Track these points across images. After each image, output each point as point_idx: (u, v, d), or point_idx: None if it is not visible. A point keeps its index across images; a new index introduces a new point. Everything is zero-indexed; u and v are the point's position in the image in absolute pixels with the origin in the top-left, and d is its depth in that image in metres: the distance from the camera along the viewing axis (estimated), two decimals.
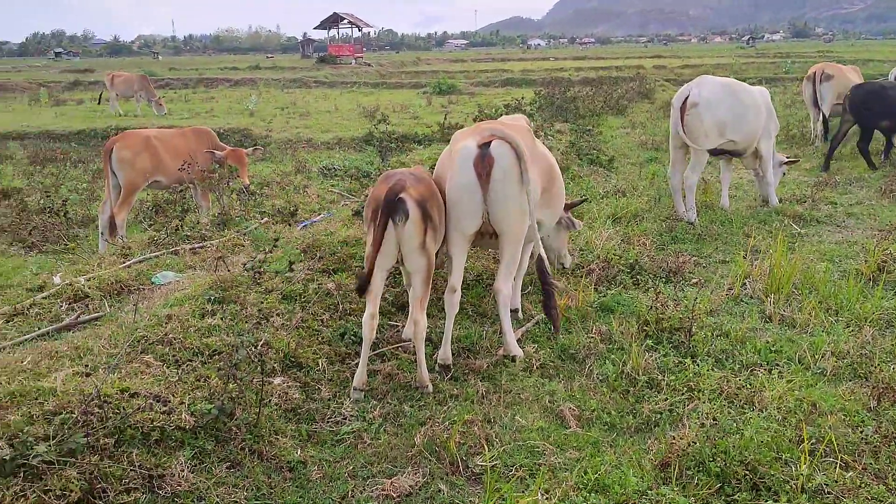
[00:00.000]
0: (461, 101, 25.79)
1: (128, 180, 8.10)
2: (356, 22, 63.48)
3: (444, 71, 44.35)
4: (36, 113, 25.90)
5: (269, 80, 40.11)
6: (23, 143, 17.87)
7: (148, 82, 25.24)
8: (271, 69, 52.81)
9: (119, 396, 3.91)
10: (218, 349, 4.68)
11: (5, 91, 37.33)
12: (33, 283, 5.97)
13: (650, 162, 12.63)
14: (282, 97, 30.45)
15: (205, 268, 6.22)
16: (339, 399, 4.72)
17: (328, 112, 23.53)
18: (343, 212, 7.97)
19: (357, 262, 6.33)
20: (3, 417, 3.63)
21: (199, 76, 43.90)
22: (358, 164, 11.75)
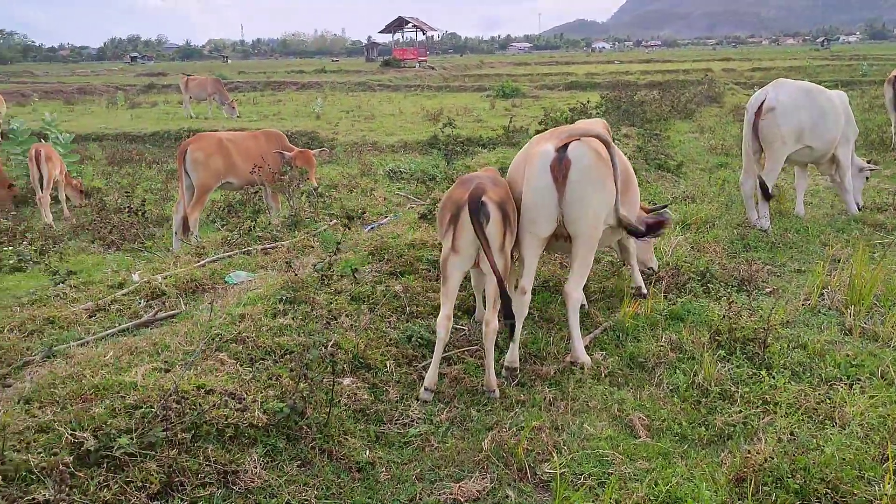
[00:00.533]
0: (525, 105, 25.69)
1: (201, 181, 8.33)
2: (421, 25, 63.95)
3: (508, 74, 44.27)
4: (113, 115, 26.86)
5: (335, 84, 40.74)
6: (101, 144, 18.54)
7: (221, 86, 25.90)
8: (336, 72, 53.60)
9: (195, 393, 4.01)
10: (289, 348, 4.76)
11: (85, 94, 38.80)
12: (114, 280, 6.18)
13: (720, 167, 12.34)
14: (347, 100, 30.87)
15: (276, 268, 6.34)
16: (406, 401, 4.75)
17: (392, 115, 23.75)
18: (409, 215, 8.03)
19: (423, 265, 6.37)
20: (88, 410, 3.76)
21: (267, 79, 44.88)
22: (423, 167, 11.82)
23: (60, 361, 4.50)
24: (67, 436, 3.55)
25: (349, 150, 16.09)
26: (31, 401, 3.91)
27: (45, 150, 10.73)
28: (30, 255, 8.21)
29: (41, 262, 8.16)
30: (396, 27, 64.35)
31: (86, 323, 5.29)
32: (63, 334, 5.05)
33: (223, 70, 61.36)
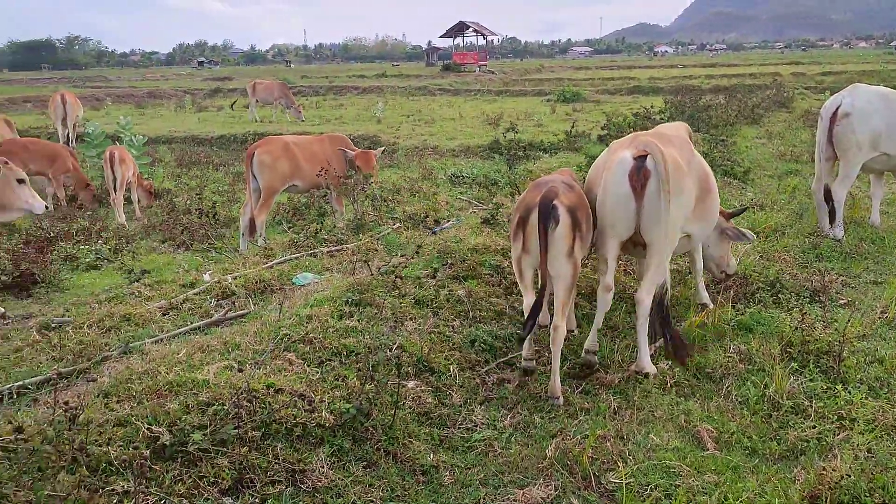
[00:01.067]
0: (586, 109, 25.46)
1: (267, 184, 8.50)
2: (481, 30, 64.02)
3: (569, 79, 43.98)
4: (181, 118, 27.63)
5: (395, 88, 41.09)
6: (170, 146, 19.08)
7: (287, 90, 26.33)
8: (397, 77, 54.06)
9: (265, 392, 4.09)
10: (355, 350, 4.82)
11: (155, 98, 40.03)
12: (186, 279, 6.37)
13: (790, 174, 12.02)
14: (407, 104, 31.08)
15: (341, 270, 6.43)
16: (469, 406, 4.76)
17: (452, 119, 23.82)
18: (472, 219, 8.05)
19: (487, 270, 6.38)
20: (163, 405, 3.87)
21: (329, 84, 45.52)
22: (485, 171, 11.82)
23: (136, 358, 4.65)
24: (144, 430, 3.67)
25: (410, 154, 16.20)
26: (110, 395, 4.05)
27: (118, 153, 11.09)
28: (105, 254, 8.50)
29: (115, 260, 8.45)
30: (457, 32, 64.59)
31: (160, 321, 5.46)
32: (138, 331, 5.22)
33: (286, 74, 62.48)
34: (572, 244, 4.78)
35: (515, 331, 5.70)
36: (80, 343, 4.94)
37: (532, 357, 5.16)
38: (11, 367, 4.69)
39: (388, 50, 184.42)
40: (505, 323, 5.78)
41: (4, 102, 34.48)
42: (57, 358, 4.81)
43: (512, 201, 8.59)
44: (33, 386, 4.39)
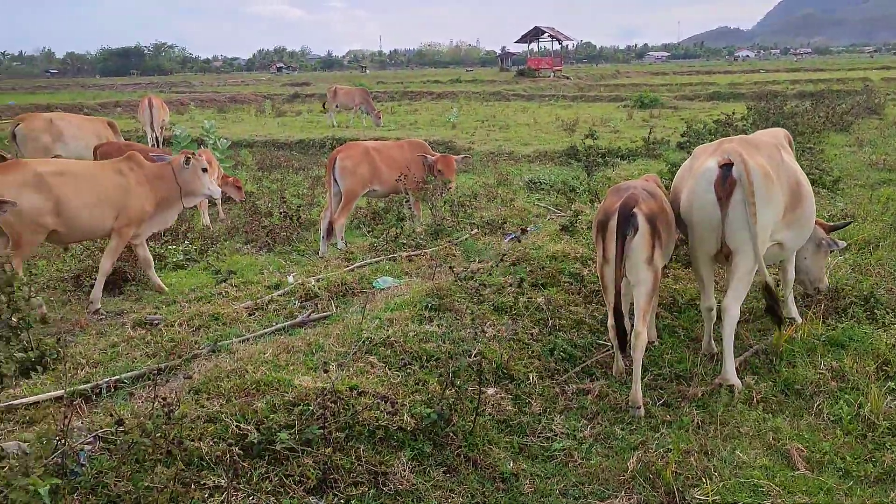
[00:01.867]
0: (664, 116, 25.00)
1: (348, 188, 8.64)
2: (556, 35, 63.56)
3: (645, 84, 43.26)
4: (262, 123, 28.37)
5: (470, 94, 41.19)
6: (251, 150, 19.58)
7: (368, 96, 26.65)
8: (471, 82, 54.19)
9: (349, 394, 4.16)
10: (435, 355, 4.85)
11: (236, 103, 41.18)
12: (270, 280, 6.53)
13: (883, 184, 11.49)
14: (481, 110, 31.13)
15: (420, 274, 6.49)
16: (549, 414, 4.73)
17: (527, 125, 23.73)
18: (550, 226, 8.00)
19: (566, 278, 6.33)
20: (251, 404, 3.98)
21: (404, 89, 45.98)
22: (564, 178, 11.74)
23: (225, 356, 4.79)
24: (233, 427, 3.78)
25: (485, 160, 16.22)
26: (200, 392, 4.19)
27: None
28: (191, 254, 8.79)
29: (201, 260, 8.73)
30: (532, 37, 64.31)
31: (246, 320, 5.62)
32: (226, 330, 5.39)
33: (362, 80, 63.41)
34: (651, 252, 4.73)
35: (595, 340, 5.65)
36: (172, 340, 5.13)
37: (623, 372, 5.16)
38: (108, 361, 4.89)
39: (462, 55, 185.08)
40: (584, 332, 5.73)
41: (97, 106, 36.09)
42: (150, 354, 5.01)
43: (591, 208, 8.51)
44: (129, 380, 4.57)
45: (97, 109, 34.94)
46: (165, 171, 7.20)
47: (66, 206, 6.43)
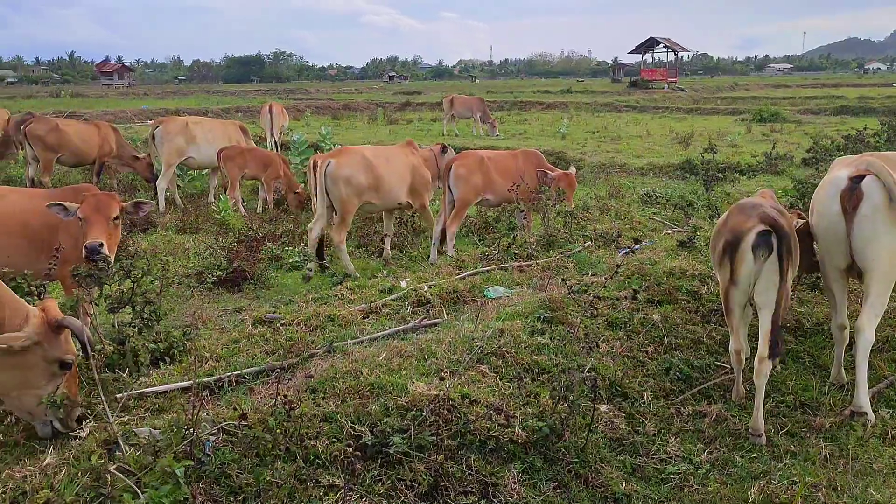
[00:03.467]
0: (786, 130, 23.91)
1: (461, 196, 8.69)
2: (672, 46, 62.00)
3: (765, 97, 41.57)
4: (373, 130, 28.99)
5: (580, 104, 40.76)
6: None
7: (484, 105, 26.72)
8: (582, 93, 53.68)
9: (461, 402, 4.16)
10: (547, 368, 4.79)
11: (349, 110, 42.32)
12: (384, 285, 6.64)
13: None
14: (592, 121, 30.72)
15: (532, 286, 6.43)
16: (663, 436, 4.57)
17: (639, 137, 23.22)
18: (666, 241, 7.78)
19: (683, 295, 6.12)
20: (365, 406, 4.04)
21: (514, 99, 45.98)
22: (681, 192, 11.40)
23: (340, 357, 4.89)
24: (348, 428, 3.84)
25: (596, 171, 15.97)
26: (317, 391, 4.28)
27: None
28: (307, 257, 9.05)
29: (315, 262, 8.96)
30: (646, 48, 63.02)
31: (360, 323, 5.72)
32: (341, 332, 5.50)
33: (472, 89, 63.82)
34: (786, 273, 4.53)
35: (713, 361, 5.44)
36: (290, 339, 5.28)
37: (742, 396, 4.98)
38: (230, 356, 5.09)
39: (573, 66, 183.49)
40: (702, 352, 5.52)
41: (220, 112, 37.90)
42: (269, 351, 5.17)
43: (710, 224, 8.21)
44: (250, 376, 4.73)
45: (220, 114, 36.65)
46: (430, 155, 9.20)
47: (383, 182, 8.13)
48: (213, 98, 51.16)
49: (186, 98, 52.90)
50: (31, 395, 3.80)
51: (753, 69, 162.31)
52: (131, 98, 53.12)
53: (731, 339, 4.79)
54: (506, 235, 7.90)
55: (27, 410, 3.87)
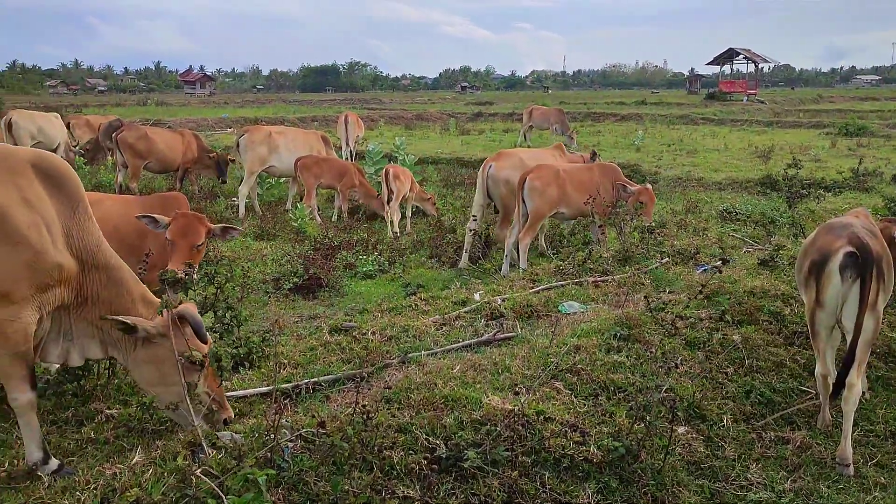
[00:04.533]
0: (874, 145, 22.96)
1: (535, 209, 8.65)
2: (753, 57, 60.36)
3: (851, 110, 40.00)
4: (446, 140, 29.15)
5: (655, 116, 40.07)
6: (437, 166, 20.16)
7: (563, 116, 26.46)
8: (657, 105, 52.76)
9: (535, 418, 4.12)
10: (623, 386, 4.71)
11: (422, 120, 42.70)
12: (458, 297, 6.66)
13: None
14: (668, 133, 30.15)
15: (607, 302, 6.35)
16: (743, 461, 4.43)
17: (717, 151, 22.66)
18: (746, 259, 7.56)
19: (765, 316, 5.94)
20: (439, 418, 4.05)
21: (587, 110, 45.55)
22: (762, 208, 11.06)
23: (414, 368, 4.92)
24: (423, 440, 3.86)
25: (672, 185, 15.66)
26: (392, 401, 4.32)
27: (394, 170, 11.94)
28: (382, 265, 9.18)
29: (388, 271, 9.08)
30: (725, 59, 61.56)
31: (434, 334, 5.75)
32: (415, 343, 5.54)
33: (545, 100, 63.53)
34: (875, 297, 4.36)
35: (797, 386, 5.25)
36: (365, 348, 5.34)
37: None
38: (307, 363, 5.18)
39: (648, 77, 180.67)
40: (785, 375, 5.34)
41: (296, 120, 38.80)
42: (345, 360, 5.24)
43: (794, 243, 7.96)
44: (326, 383, 4.81)
45: (296, 123, 37.51)
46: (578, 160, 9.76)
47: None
48: (289, 107, 52.41)
49: (264, 107, 54.38)
50: (170, 392, 3.94)
51: (839, 80, 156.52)
52: (212, 106, 54.92)
53: (817, 362, 4.63)
54: (581, 250, 7.81)
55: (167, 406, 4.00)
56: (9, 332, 3.60)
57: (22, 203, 3.62)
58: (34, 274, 3.61)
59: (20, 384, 3.70)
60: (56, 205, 3.78)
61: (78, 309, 3.91)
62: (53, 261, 3.67)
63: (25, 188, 3.68)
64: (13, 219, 3.56)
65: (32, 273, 3.61)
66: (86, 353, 4.01)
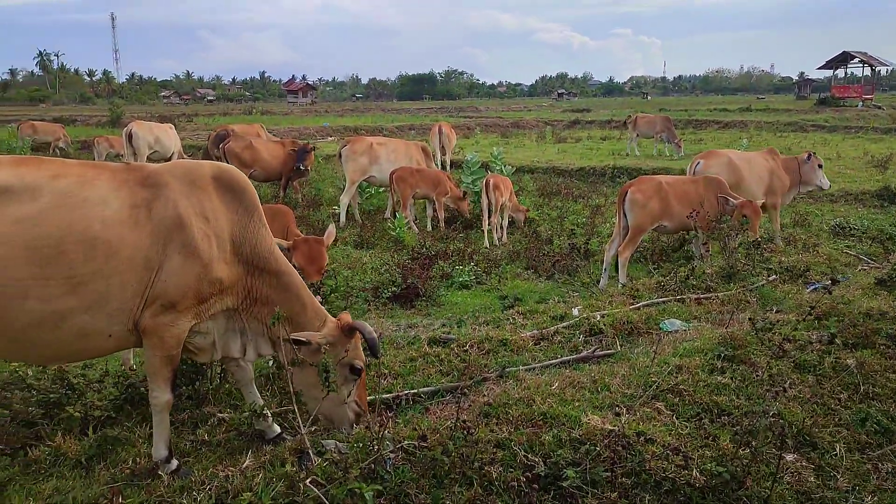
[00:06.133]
0: None
1: (636, 222, 8.51)
2: (869, 60, 57.27)
3: None
4: (542, 149, 28.99)
5: (761, 123, 38.63)
6: (532, 175, 20.11)
7: (670, 124, 25.83)
8: (763, 111, 50.83)
9: (636, 439, 4.06)
10: (727, 409, 4.58)
11: (519, 128, 42.66)
12: (556, 311, 6.62)
13: None
14: (774, 141, 28.96)
15: (711, 320, 6.18)
16: (858, 493, 4.21)
17: (828, 160, 21.57)
18: (862, 278, 7.19)
19: (882, 339, 5.63)
20: (538, 435, 4.05)
21: (689, 117, 44.34)
22: (880, 224, 10.49)
23: (512, 383, 4.93)
24: (522, 457, 3.87)
25: None
26: (490, 416, 4.35)
27: (494, 180, 12.00)
28: (477, 276, 9.23)
29: (484, 282, 9.12)
30: (839, 62, 58.63)
31: (532, 349, 5.74)
32: (513, 357, 5.55)
33: (644, 107, 62.34)
34: None
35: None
36: (464, 361, 5.39)
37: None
38: (407, 374, 5.27)
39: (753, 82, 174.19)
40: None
41: (394, 129, 39.52)
42: (444, 372, 5.31)
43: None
44: (425, 395, 4.89)
45: (394, 132, 38.22)
46: (791, 164, 10.26)
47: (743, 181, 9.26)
48: (387, 116, 53.40)
49: (363, 116, 55.62)
50: (328, 399, 4.10)
51: None
52: (313, 115, 56.63)
53: None
54: (683, 265, 7.61)
55: (325, 413, 4.20)
56: (166, 336, 3.84)
57: (200, 216, 3.86)
58: (200, 285, 3.84)
59: (164, 384, 3.95)
60: (232, 216, 4.01)
61: (248, 309, 4.14)
62: (216, 275, 3.88)
63: (205, 201, 3.92)
64: (191, 230, 3.80)
65: (199, 284, 3.84)
66: (259, 349, 4.26)
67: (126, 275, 3.65)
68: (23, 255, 3.42)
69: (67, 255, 3.50)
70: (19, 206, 3.47)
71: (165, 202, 3.79)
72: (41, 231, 3.47)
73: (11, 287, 3.42)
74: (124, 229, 3.65)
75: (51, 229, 3.49)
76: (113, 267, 3.61)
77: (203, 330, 4.06)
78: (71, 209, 3.56)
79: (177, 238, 3.76)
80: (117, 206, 3.68)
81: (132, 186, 3.78)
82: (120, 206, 3.68)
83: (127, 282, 3.66)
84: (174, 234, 3.76)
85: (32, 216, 3.48)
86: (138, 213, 3.72)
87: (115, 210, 3.66)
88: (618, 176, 19.99)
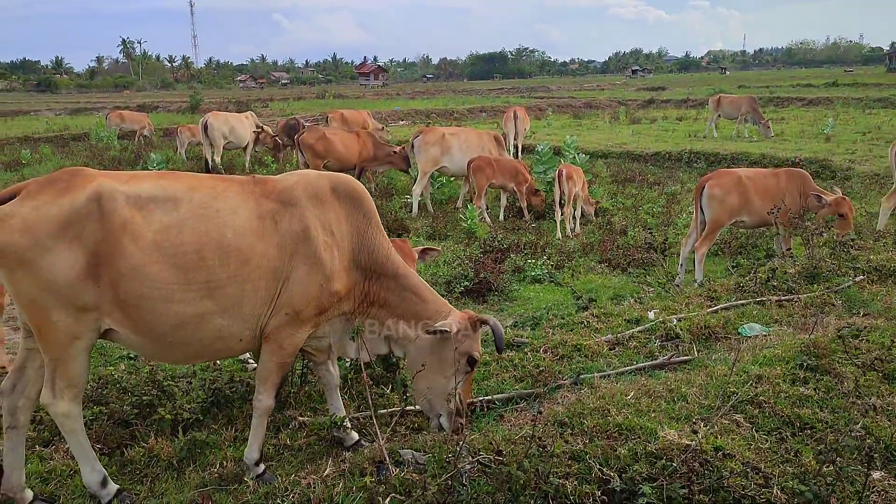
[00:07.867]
0: None
1: (713, 218, 8.31)
2: None
3: None
4: (616, 131, 28.44)
5: (849, 99, 36.97)
6: (606, 161, 19.76)
7: (755, 104, 24.99)
8: (850, 86, 48.64)
9: (713, 454, 4.00)
10: (810, 423, 4.45)
11: (591, 108, 42.01)
12: (631, 314, 6.54)
13: None
14: (863, 119, 27.69)
15: (793, 324, 6.00)
16: None
17: None
18: None
19: None
20: (613, 448, 4.03)
21: (770, 94, 42.76)
22: None
23: (587, 391, 4.92)
24: (597, 470, 3.86)
25: (868, 183, 14.42)
26: (565, 426, 4.35)
27: (567, 171, 11.89)
28: (549, 270, 9.19)
29: (555, 277, 9.06)
30: None
31: (607, 354, 5.69)
32: (587, 363, 5.51)
33: (722, 83, 60.45)
34: None
35: None
36: (538, 367, 5.39)
37: None
38: (481, 379, 5.31)
39: (840, 53, 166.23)
40: None
41: (465, 112, 39.45)
42: (518, 377, 5.32)
43: None
44: (500, 402, 4.93)
45: (465, 115, 38.18)
46: None
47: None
48: (458, 98, 53.25)
49: (434, 98, 55.62)
50: (438, 384, 4.22)
51: None
52: (384, 98, 57.01)
53: None
54: (762, 262, 7.37)
55: (427, 399, 4.28)
56: (286, 343, 4.04)
57: (322, 227, 4.03)
58: (321, 294, 4.01)
59: (271, 390, 4.14)
60: (352, 224, 4.17)
61: (365, 312, 4.30)
62: (335, 287, 4.04)
63: (327, 212, 4.08)
64: (315, 241, 3.97)
65: (320, 294, 4.01)
66: (375, 350, 4.42)
67: (257, 282, 3.86)
68: (171, 260, 3.69)
69: (206, 261, 3.75)
70: (164, 214, 3.74)
71: (291, 216, 3.96)
72: (184, 238, 3.72)
73: (163, 290, 3.68)
74: (253, 238, 3.86)
75: (191, 237, 3.74)
76: (245, 273, 3.83)
77: (320, 334, 4.25)
78: (207, 219, 3.80)
79: (302, 250, 3.94)
80: (246, 216, 3.89)
81: (258, 198, 3.97)
82: (248, 216, 3.89)
83: (258, 288, 3.87)
84: (300, 247, 3.93)
85: (176, 224, 3.74)
86: (264, 224, 3.91)
87: (243, 220, 3.87)
88: (694, 161, 19.50)
